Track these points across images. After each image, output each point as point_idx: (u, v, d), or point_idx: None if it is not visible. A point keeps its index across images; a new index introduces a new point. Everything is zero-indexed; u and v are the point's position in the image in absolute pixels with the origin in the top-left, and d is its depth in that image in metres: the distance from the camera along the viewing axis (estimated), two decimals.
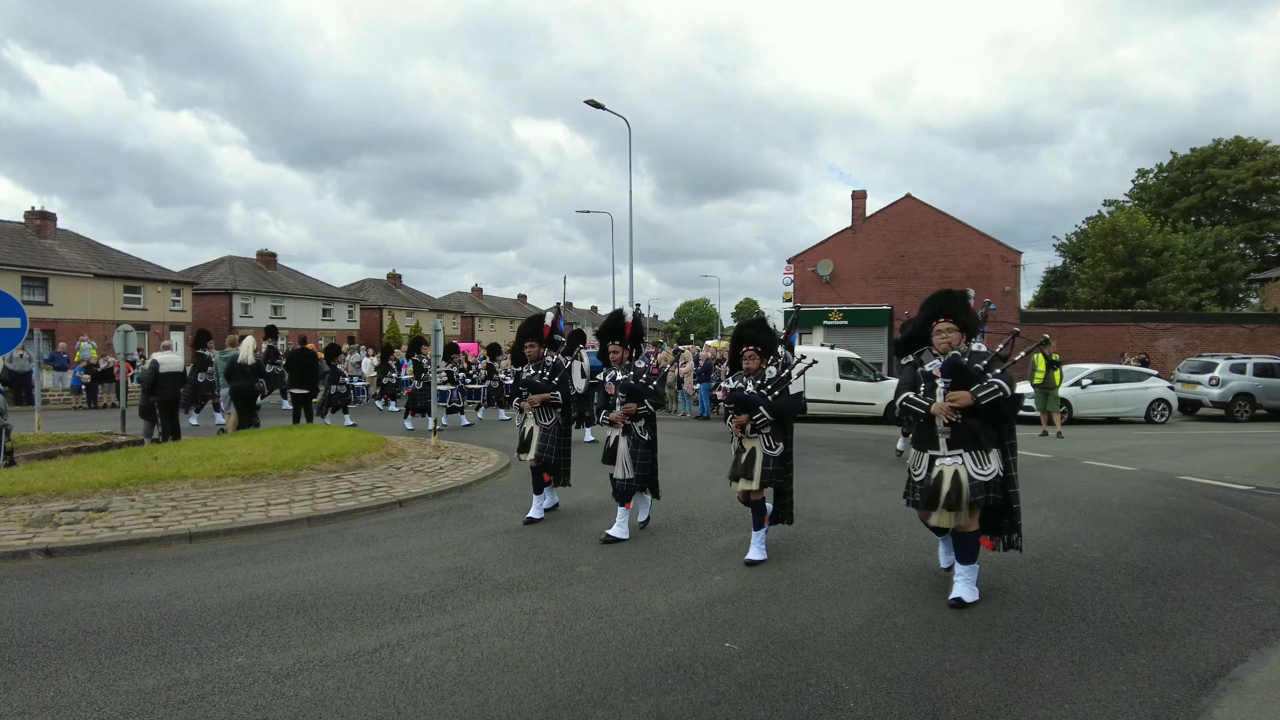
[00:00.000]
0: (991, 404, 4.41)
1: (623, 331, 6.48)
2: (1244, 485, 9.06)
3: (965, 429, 4.49)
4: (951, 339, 4.67)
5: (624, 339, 6.48)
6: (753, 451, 5.58)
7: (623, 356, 6.46)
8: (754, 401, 5.44)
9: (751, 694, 3.48)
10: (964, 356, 4.59)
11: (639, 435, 6.31)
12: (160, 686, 3.60)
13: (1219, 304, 39.77)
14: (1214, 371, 19.61)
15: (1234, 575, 5.36)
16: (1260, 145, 42.59)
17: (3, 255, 32.82)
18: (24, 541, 6.06)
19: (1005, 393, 4.38)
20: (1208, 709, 3.35)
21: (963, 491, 4.47)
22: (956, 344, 4.67)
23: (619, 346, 6.46)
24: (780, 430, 5.59)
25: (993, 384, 4.42)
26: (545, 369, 7.02)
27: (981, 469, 4.49)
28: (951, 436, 4.54)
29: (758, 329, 5.82)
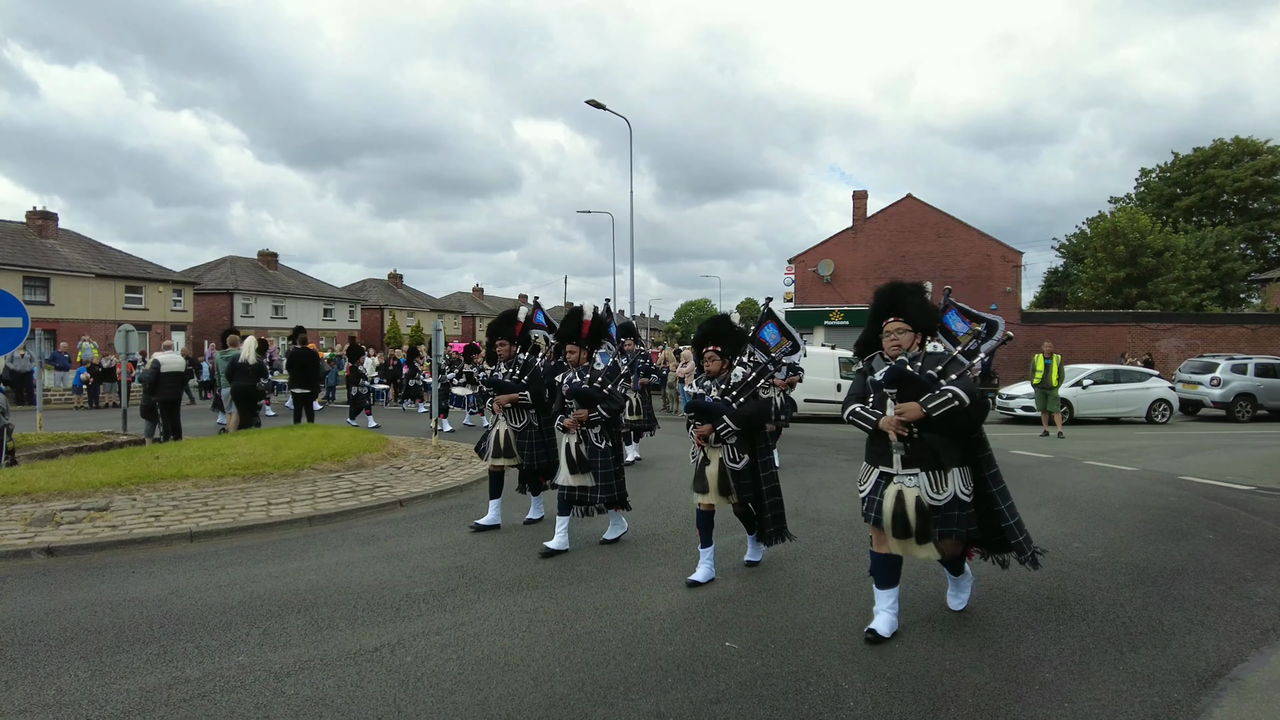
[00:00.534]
0: (945, 416, 3.83)
1: (579, 331, 6.02)
2: (1245, 485, 9.06)
3: (922, 445, 3.91)
4: (902, 340, 4.08)
5: (581, 339, 6.00)
6: (718, 464, 5.04)
7: (580, 358, 5.97)
8: (716, 410, 4.94)
9: (752, 693, 3.48)
10: (917, 360, 4.04)
11: (594, 443, 5.86)
12: (161, 685, 3.61)
13: (1220, 304, 39.73)
14: (1215, 372, 19.59)
15: (1234, 575, 5.36)
16: (1261, 145, 42.56)
17: (4, 255, 32.86)
18: (26, 540, 6.07)
19: (961, 402, 3.79)
20: (1208, 708, 3.36)
21: (921, 518, 3.89)
22: (908, 346, 4.09)
23: (575, 347, 5.98)
24: (747, 441, 5.04)
25: (945, 393, 3.82)
26: (516, 368, 6.66)
27: (937, 492, 3.92)
28: (907, 454, 3.96)
29: (719, 325, 5.23)
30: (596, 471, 5.82)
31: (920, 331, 4.11)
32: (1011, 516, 4.16)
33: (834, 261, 34.03)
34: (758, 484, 5.13)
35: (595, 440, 5.85)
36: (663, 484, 8.99)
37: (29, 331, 10.43)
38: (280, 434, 11.28)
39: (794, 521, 6.91)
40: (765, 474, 5.16)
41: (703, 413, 5.01)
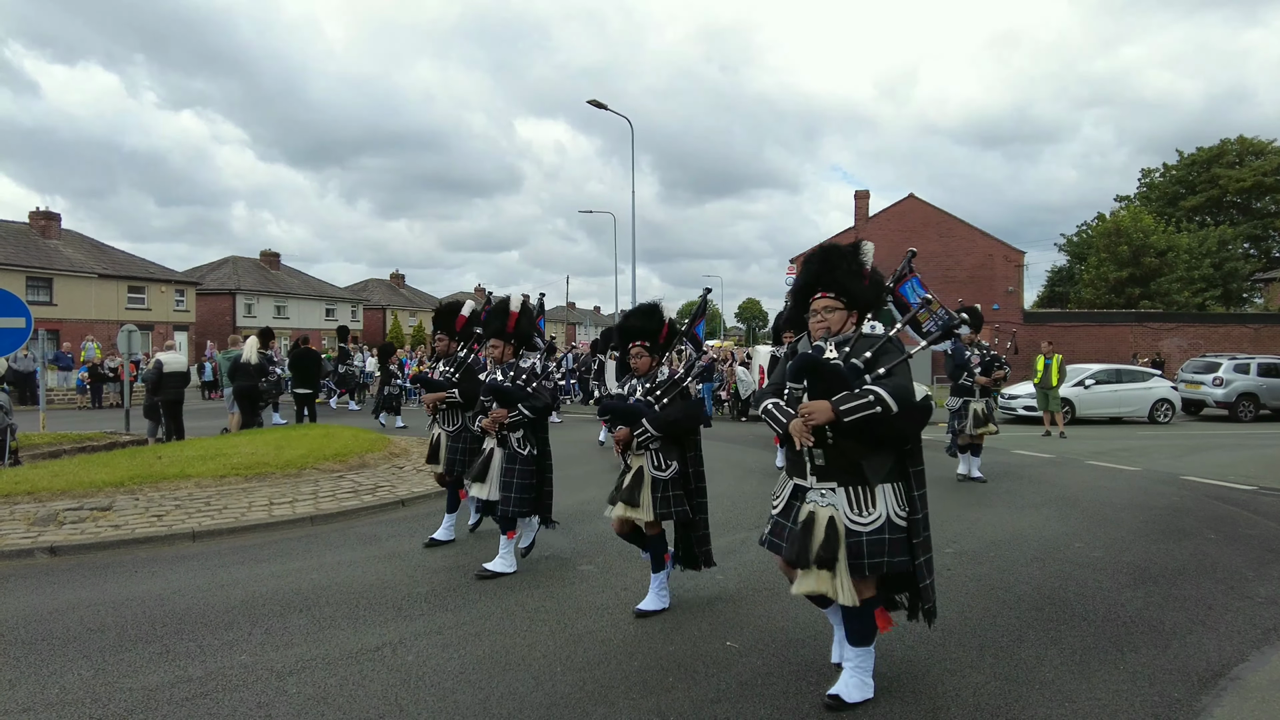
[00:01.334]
0: (862, 423, 2.99)
1: (504, 325, 5.43)
2: (1247, 486, 9.05)
3: (839, 453, 3.12)
4: (831, 321, 3.28)
5: (506, 334, 5.43)
6: (638, 473, 4.45)
7: (504, 353, 5.44)
8: (634, 413, 4.37)
9: (752, 692, 3.49)
10: (846, 344, 3.22)
11: (515, 449, 5.29)
12: (164, 684, 3.62)
13: (1223, 304, 39.70)
14: (1218, 372, 19.57)
15: (1236, 575, 5.36)
16: (1265, 145, 42.52)
17: (7, 255, 32.93)
18: (29, 540, 6.09)
19: (884, 408, 2.96)
20: (1208, 708, 3.36)
21: (828, 543, 3.11)
22: (839, 327, 3.29)
23: (499, 342, 5.42)
24: (675, 447, 4.44)
25: (865, 394, 2.98)
26: (453, 365, 6.13)
27: (860, 514, 3.12)
28: (823, 462, 3.16)
29: (645, 319, 4.59)
30: (513, 480, 5.23)
31: (855, 309, 3.33)
32: (925, 552, 3.28)
33: None
34: (693, 499, 4.50)
35: (516, 445, 5.30)
36: None
37: (32, 331, 10.45)
38: (282, 434, 11.30)
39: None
40: (695, 487, 4.52)
41: (618, 415, 4.43)
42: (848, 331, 3.31)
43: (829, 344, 3.22)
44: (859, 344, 3.23)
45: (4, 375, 17.13)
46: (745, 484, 8.95)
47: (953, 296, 32.55)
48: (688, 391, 4.53)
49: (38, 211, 36.98)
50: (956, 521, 6.96)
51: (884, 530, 3.12)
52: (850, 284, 3.30)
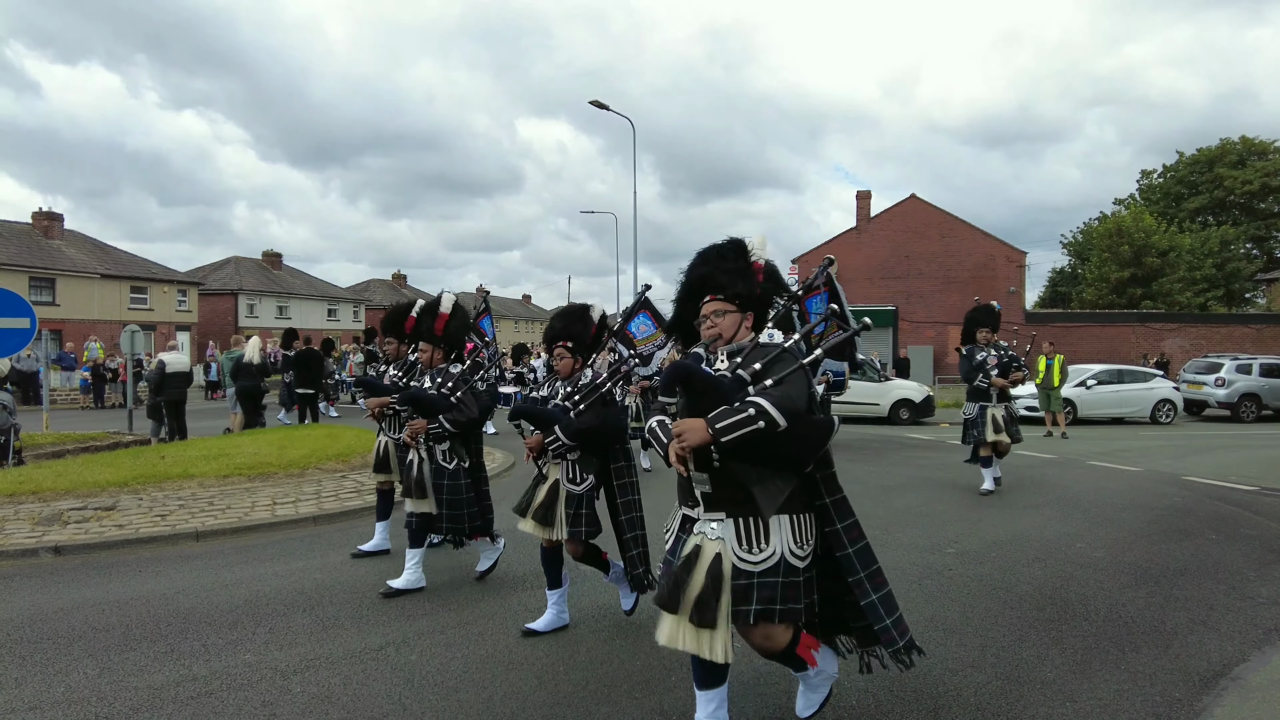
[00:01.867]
0: (743, 443, 2.48)
1: (432, 327, 5.05)
2: (1249, 486, 9.05)
3: (728, 479, 2.62)
4: (722, 326, 2.83)
5: (434, 337, 5.05)
6: (553, 486, 4.15)
7: (432, 358, 5.06)
8: (547, 418, 4.04)
9: (754, 691, 3.50)
10: (737, 354, 2.77)
11: (441, 462, 4.92)
12: (169, 683, 3.64)
13: (1225, 304, 39.68)
14: (1220, 372, 19.55)
15: (1237, 575, 5.37)
16: (1268, 145, 42.47)
17: (10, 256, 33.00)
18: (33, 540, 6.12)
19: (768, 423, 2.45)
20: (1209, 708, 3.37)
21: (722, 589, 2.60)
22: (732, 334, 2.85)
23: (428, 346, 5.06)
24: (594, 459, 4.11)
25: (745, 408, 2.48)
26: (401, 369, 5.75)
27: (750, 550, 2.61)
28: (709, 489, 2.68)
29: (570, 320, 4.25)
30: (441, 497, 4.88)
31: (748, 311, 2.88)
32: (875, 590, 2.78)
33: (837, 261, 33.99)
34: (614, 513, 4.21)
35: (443, 458, 4.92)
36: (664, 484, 9.01)
37: (36, 332, 10.48)
38: (285, 434, 11.33)
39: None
40: (623, 501, 4.17)
41: (531, 419, 4.14)
42: (743, 339, 2.86)
43: (720, 352, 2.83)
44: (753, 354, 2.74)
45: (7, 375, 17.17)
46: None
47: (954, 297, 32.57)
48: (610, 398, 4.14)
49: (40, 212, 37.07)
50: (958, 521, 6.97)
51: (777, 571, 2.60)
52: (739, 285, 2.84)
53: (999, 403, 8.14)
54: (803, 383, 2.63)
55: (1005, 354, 8.23)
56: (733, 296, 2.84)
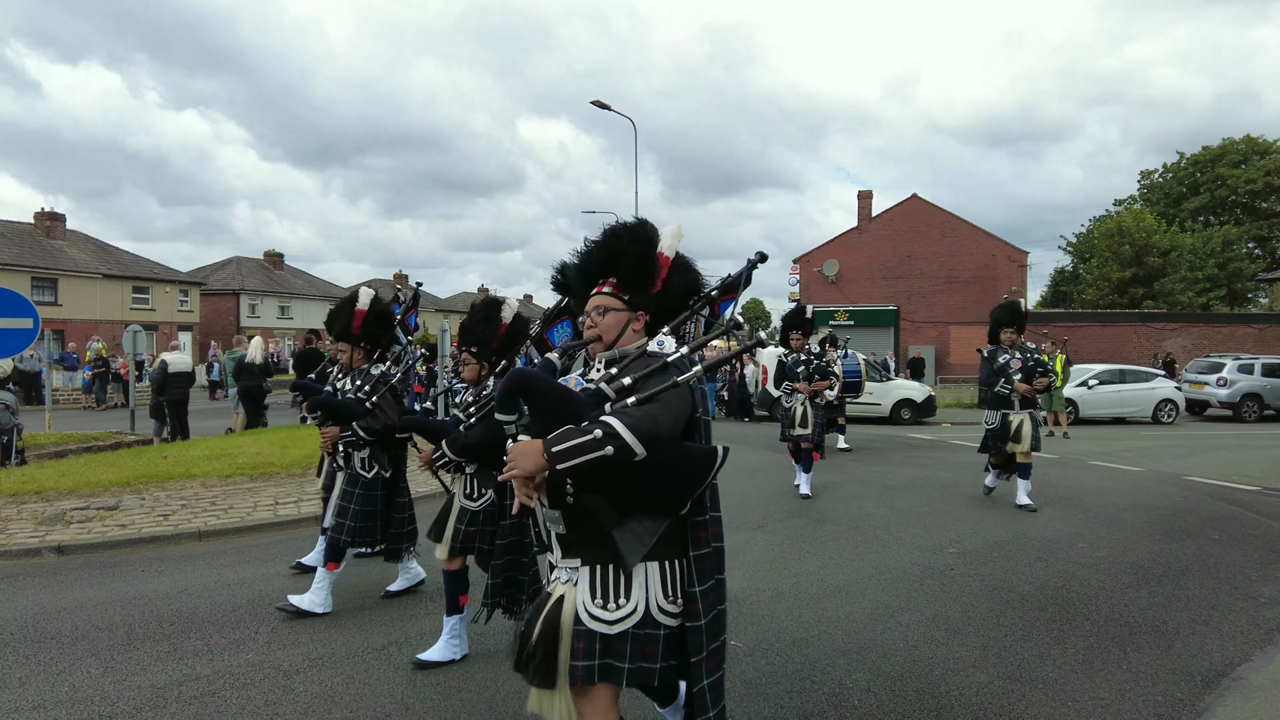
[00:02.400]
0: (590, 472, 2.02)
1: (349, 326, 4.57)
2: (1251, 486, 9.04)
3: (583, 517, 2.16)
4: (603, 326, 2.33)
5: (351, 336, 4.58)
6: (448, 503, 3.98)
7: (352, 359, 4.62)
8: (435, 431, 3.86)
9: (756, 691, 3.51)
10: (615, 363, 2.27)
11: (357, 470, 4.50)
12: (172, 682, 3.65)
13: (1227, 304, 39.63)
14: (1221, 372, 19.53)
15: (1239, 575, 5.36)
16: (1270, 144, 42.43)
17: (13, 256, 33.06)
18: (36, 539, 6.13)
19: (620, 448, 1.97)
20: (1211, 707, 3.37)
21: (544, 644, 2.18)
22: (614, 336, 2.33)
23: (347, 346, 4.59)
24: (491, 475, 3.77)
25: (590, 430, 1.98)
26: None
27: (605, 605, 2.14)
28: (564, 529, 2.21)
29: (478, 323, 3.89)
30: (348, 506, 4.45)
31: (638, 309, 2.36)
32: (709, 672, 2.21)
33: (839, 261, 34.01)
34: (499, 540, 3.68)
35: (360, 467, 4.50)
36: None
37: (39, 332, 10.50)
38: (287, 434, 11.34)
39: (800, 521, 6.95)
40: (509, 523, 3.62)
41: (421, 432, 3.94)
42: (629, 344, 2.34)
43: (599, 359, 2.33)
44: (633, 365, 2.24)
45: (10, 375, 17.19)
46: (749, 484, 8.96)
47: (956, 297, 32.57)
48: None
49: (43, 212, 37.14)
50: (960, 521, 6.97)
51: (641, 628, 2.14)
52: (633, 277, 2.34)
53: (1023, 410, 7.40)
54: (676, 403, 2.09)
55: (1031, 357, 7.46)
56: (625, 289, 2.35)
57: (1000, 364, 7.47)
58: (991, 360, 7.55)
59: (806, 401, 8.09)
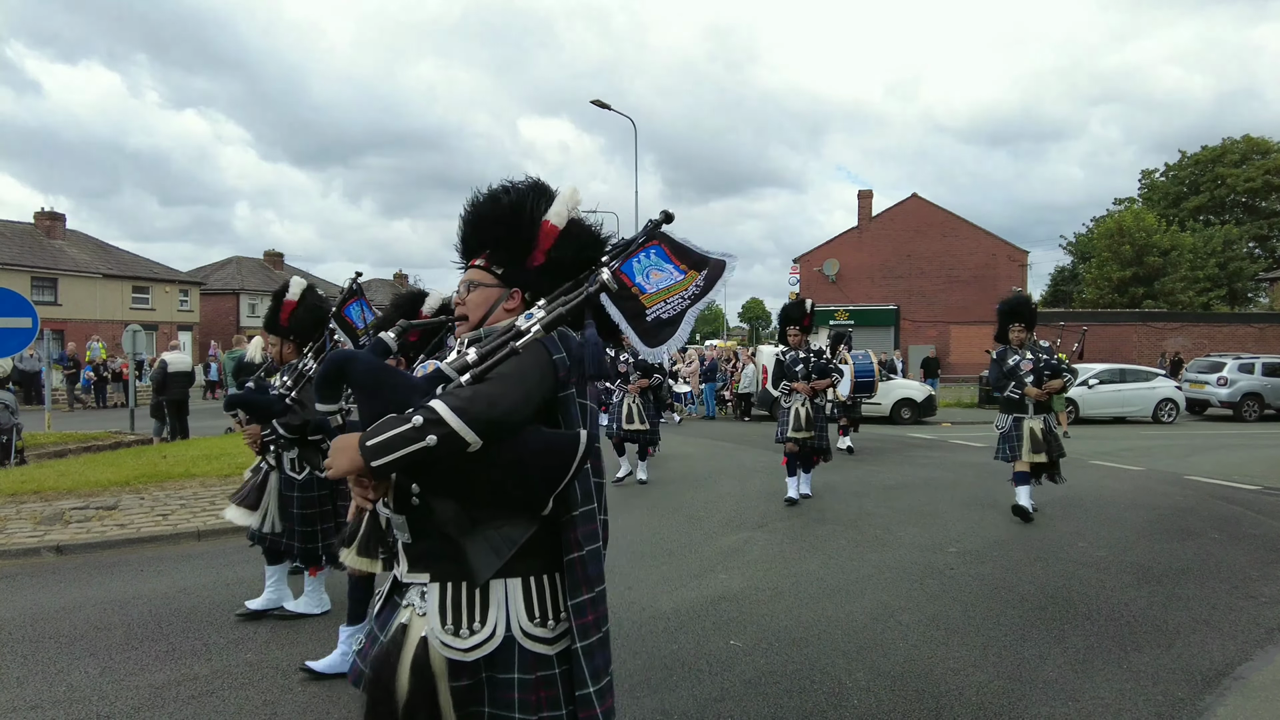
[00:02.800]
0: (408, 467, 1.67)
1: (276, 317, 4.24)
2: (1251, 485, 9.03)
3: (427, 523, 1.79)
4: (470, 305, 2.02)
5: (280, 328, 4.23)
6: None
7: (282, 353, 4.28)
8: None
9: (756, 691, 3.50)
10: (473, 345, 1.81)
11: (287, 472, 4.20)
12: (170, 682, 3.64)
13: (1227, 303, 39.62)
14: (1222, 371, 19.52)
15: (1240, 575, 5.36)
16: (1270, 144, 42.41)
17: (12, 255, 33.06)
18: (35, 539, 6.12)
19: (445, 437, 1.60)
20: (1211, 707, 3.36)
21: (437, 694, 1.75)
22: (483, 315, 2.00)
23: (276, 339, 4.28)
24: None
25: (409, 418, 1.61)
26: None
27: (458, 631, 1.74)
28: (409, 538, 1.83)
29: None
30: (291, 511, 4.18)
31: (513, 286, 2.00)
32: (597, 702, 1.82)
33: (839, 261, 34.00)
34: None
35: (289, 468, 4.20)
36: (666, 483, 9.01)
37: (38, 331, 10.50)
38: None
39: (800, 520, 6.95)
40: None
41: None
42: (500, 323, 1.93)
43: (462, 340, 1.96)
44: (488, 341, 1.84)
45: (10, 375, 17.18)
46: (749, 483, 8.96)
47: (956, 296, 32.56)
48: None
49: (43, 212, 37.13)
50: (960, 521, 6.96)
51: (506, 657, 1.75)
52: (509, 249, 1.98)
53: (1037, 414, 6.85)
54: (521, 377, 1.69)
55: (1043, 357, 6.86)
56: (494, 264, 2.01)
57: (1010, 366, 6.87)
58: (1000, 361, 6.97)
59: (807, 402, 7.43)
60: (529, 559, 1.80)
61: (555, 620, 1.81)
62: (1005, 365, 6.91)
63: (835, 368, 8.04)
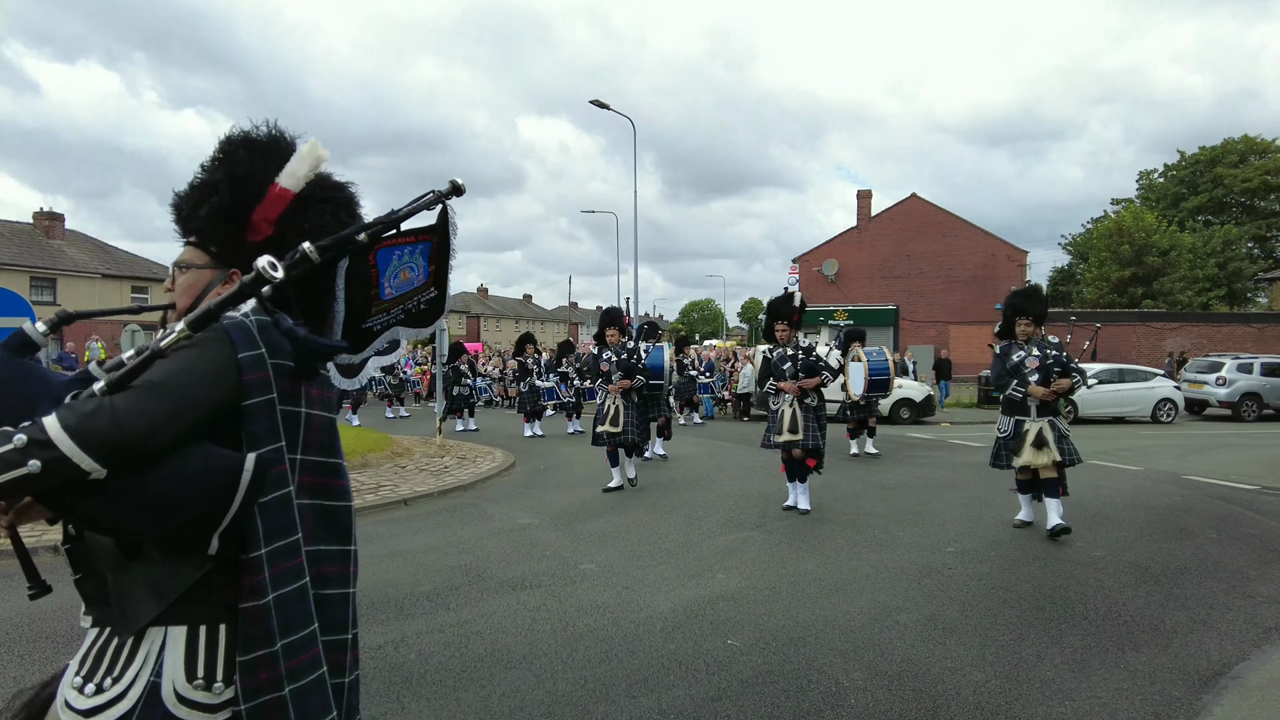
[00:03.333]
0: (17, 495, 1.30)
1: None
2: (1250, 485, 9.03)
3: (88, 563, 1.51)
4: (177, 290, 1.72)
5: None
6: None
7: None
8: None
9: (753, 690, 3.50)
10: None
11: None
12: None
13: (1226, 303, 39.63)
14: (1221, 371, 19.53)
15: (1238, 574, 5.36)
16: (1269, 144, 42.42)
17: (11, 256, 33.04)
18: (33, 538, 6.11)
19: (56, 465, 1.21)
20: (1208, 706, 3.36)
21: None
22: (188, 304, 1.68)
23: None
24: None
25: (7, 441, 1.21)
26: None
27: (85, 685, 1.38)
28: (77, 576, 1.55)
29: None
30: None
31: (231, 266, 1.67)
32: None
33: (838, 261, 34.01)
34: None
35: None
36: (667, 483, 9.01)
37: None
38: None
39: (797, 520, 6.95)
40: None
41: None
42: None
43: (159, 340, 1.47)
44: None
45: None
46: (747, 483, 8.96)
47: (955, 296, 32.56)
48: None
49: (42, 212, 37.12)
50: (958, 521, 6.96)
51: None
52: (222, 222, 1.60)
53: (1041, 416, 6.27)
54: (170, 387, 1.32)
55: (1054, 353, 6.29)
56: (208, 240, 1.65)
57: (1013, 362, 6.28)
58: (1004, 357, 6.36)
59: (795, 402, 7.05)
60: (197, 604, 1.41)
61: (222, 680, 1.40)
62: (1009, 361, 6.29)
63: (827, 366, 7.38)
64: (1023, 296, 6.56)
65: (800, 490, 7.32)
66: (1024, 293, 6.68)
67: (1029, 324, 6.35)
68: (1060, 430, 6.29)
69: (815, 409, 7.25)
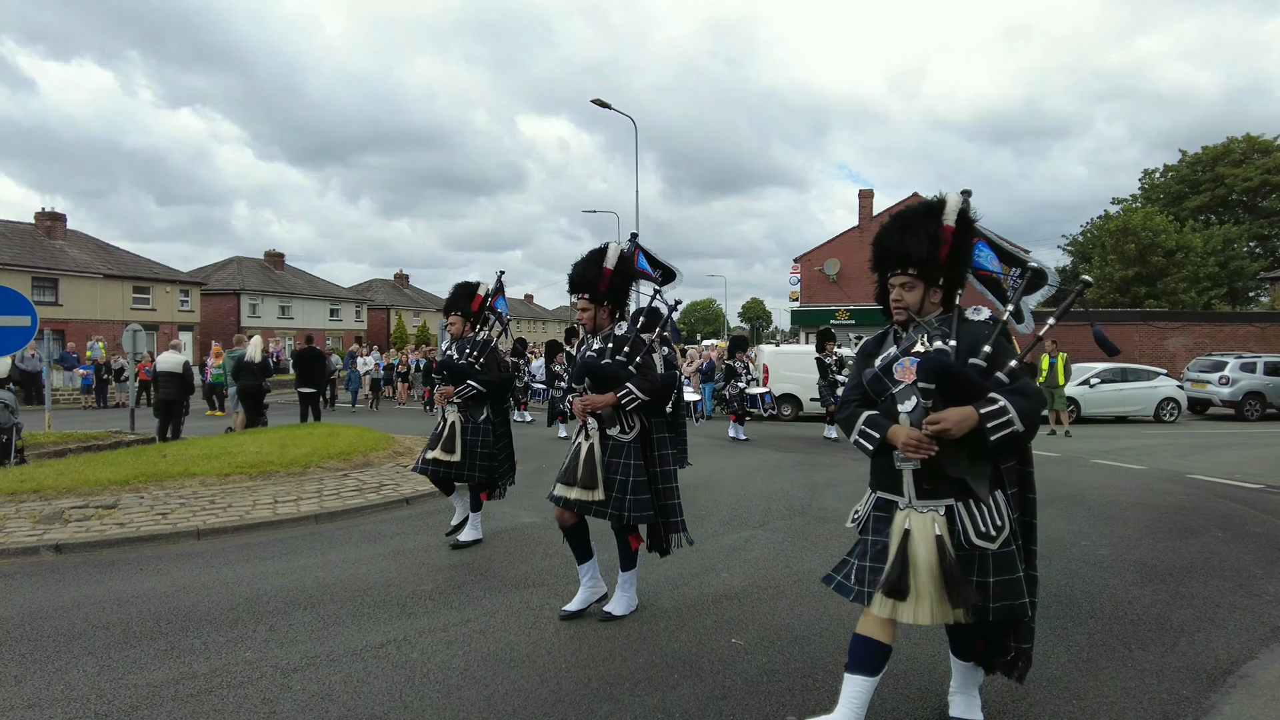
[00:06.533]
0: None
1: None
2: (1254, 484, 9.01)
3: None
4: None
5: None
6: None
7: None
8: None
9: (757, 689, 3.48)
10: None
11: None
12: (169, 680, 3.62)
13: (1229, 303, 39.58)
14: (1224, 370, 19.50)
15: (1244, 573, 5.33)
16: (1271, 143, 42.37)
17: (13, 256, 33.07)
18: (34, 538, 6.11)
19: None
20: (1216, 705, 3.34)
21: None
22: None
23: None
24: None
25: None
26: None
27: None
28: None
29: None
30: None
31: None
32: None
33: (840, 260, 33.98)
34: None
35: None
36: None
37: (37, 330, 10.48)
38: (286, 433, 11.32)
39: (801, 519, 6.93)
40: None
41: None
42: None
43: None
44: None
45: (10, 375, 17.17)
46: (750, 482, 8.93)
47: None
48: None
49: (43, 212, 37.20)
50: None
51: None
52: None
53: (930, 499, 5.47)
54: None
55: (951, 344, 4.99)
56: None
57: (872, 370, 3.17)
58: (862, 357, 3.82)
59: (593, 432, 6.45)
60: None
61: None
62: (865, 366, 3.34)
63: None
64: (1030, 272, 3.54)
65: (615, 586, 4.43)
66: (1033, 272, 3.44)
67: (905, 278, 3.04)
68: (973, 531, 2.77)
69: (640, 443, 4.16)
